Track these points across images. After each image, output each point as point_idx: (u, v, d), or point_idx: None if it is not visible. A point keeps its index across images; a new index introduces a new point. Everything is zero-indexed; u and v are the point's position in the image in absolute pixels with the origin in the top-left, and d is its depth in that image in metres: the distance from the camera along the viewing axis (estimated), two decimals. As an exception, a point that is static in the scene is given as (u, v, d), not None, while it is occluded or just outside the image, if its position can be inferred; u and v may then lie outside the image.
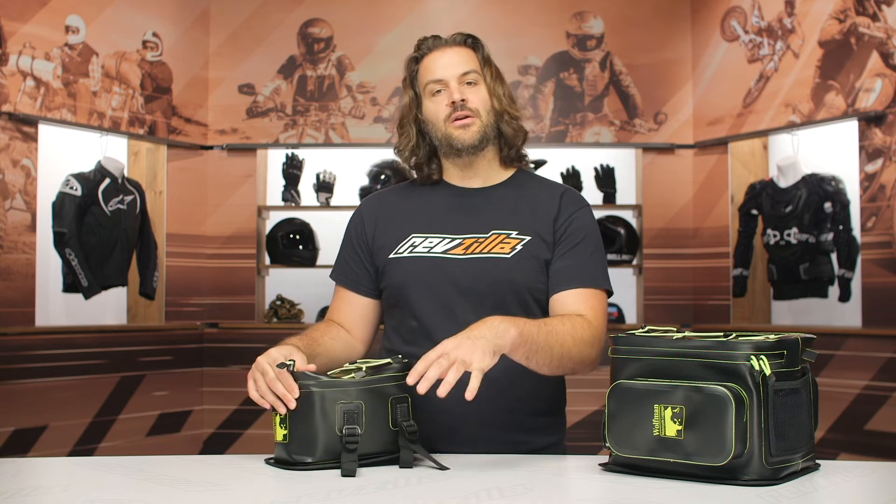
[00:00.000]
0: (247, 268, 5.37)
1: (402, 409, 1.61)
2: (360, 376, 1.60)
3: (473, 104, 1.84)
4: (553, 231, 1.83)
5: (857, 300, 4.44)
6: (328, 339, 1.83)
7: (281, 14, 5.45)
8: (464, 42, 1.89)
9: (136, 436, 4.88)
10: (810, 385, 1.49)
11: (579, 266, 1.81)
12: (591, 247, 1.84)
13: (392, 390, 1.61)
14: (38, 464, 1.72)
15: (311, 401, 1.55)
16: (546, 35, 5.38)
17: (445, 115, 1.84)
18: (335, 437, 1.55)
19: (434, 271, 1.81)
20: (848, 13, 4.47)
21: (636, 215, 5.42)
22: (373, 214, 1.93)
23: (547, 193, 1.88)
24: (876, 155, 4.32)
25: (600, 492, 1.43)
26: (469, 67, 1.86)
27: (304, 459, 1.55)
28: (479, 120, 1.84)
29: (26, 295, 4.45)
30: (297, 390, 1.55)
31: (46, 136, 4.66)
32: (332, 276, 1.97)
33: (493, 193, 1.89)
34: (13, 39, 4.44)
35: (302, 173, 5.45)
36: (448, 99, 1.84)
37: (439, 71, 1.86)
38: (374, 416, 1.58)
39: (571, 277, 1.80)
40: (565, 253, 1.82)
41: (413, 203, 1.91)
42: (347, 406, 1.56)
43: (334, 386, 1.57)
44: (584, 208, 1.88)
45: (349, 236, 1.95)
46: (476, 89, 1.86)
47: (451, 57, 1.87)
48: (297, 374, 1.57)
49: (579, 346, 1.68)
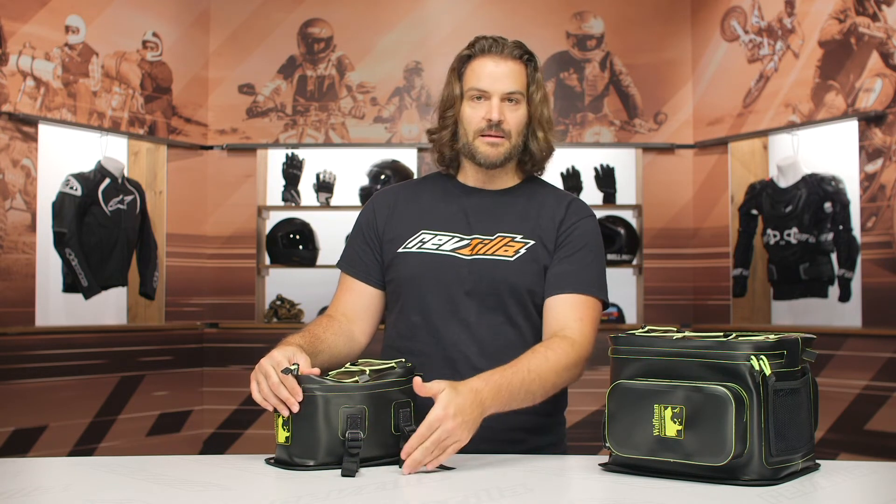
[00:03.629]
0: (247, 268, 5.37)
1: (404, 413, 1.62)
2: (364, 380, 1.60)
3: (508, 126, 1.83)
4: (556, 238, 1.85)
5: (857, 300, 4.44)
6: (330, 335, 1.83)
7: (281, 14, 5.45)
8: (519, 57, 1.86)
9: (136, 436, 4.88)
10: (810, 385, 1.49)
11: (576, 272, 1.82)
12: (591, 255, 1.85)
13: (395, 395, 1.62)
14: (38, 464, 1.72)
15: (315, 405, 1.55)
16: (546, 35, 5.38)
17: (478, 126, 1.83)
18: (337, 440, 1.55)
19: (441, 269, 1.82)
20: (848, 13, 4.47)
21: (636, 215, 5.42)
22: (385, 207, 1.93)
23: (555, 201, 1.90)
24: (876, 155, 4.32)
25: (600, 492, 1.43)
26: (515, 87, 1.83)
27: (306, 462, 1.55)
28: (509, 142, 1.84)
29: (26, 295, 4.45)
30: (300, 394, 1.55)
31: (46, 136, 4.66)
32: (340, 265, 1.97)
33: (503, 197, 1.90)
34: (13, 39, 4.44)
35: (302, 173, 5.45)
36: (486, 112, 1.83)
37: (485, 81, 1.83)
38: (377, 420, 1.58)
39: (567, 282, 1.81)
40: (564, 258, 1.83)
41: (425, 200, 1.93)
42: (351, 410, 1.56)
43: (338, 390, 1.57)
44: (589, 217, 1.89)
45: (360, 227, 1.96)
46: (516, 109, 1.84)
47: (502, 69, 1.83)
48: (300, 378, 1.57)
49: (562, 375, 1.72)
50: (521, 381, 1.65)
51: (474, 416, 1.56)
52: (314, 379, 1.57)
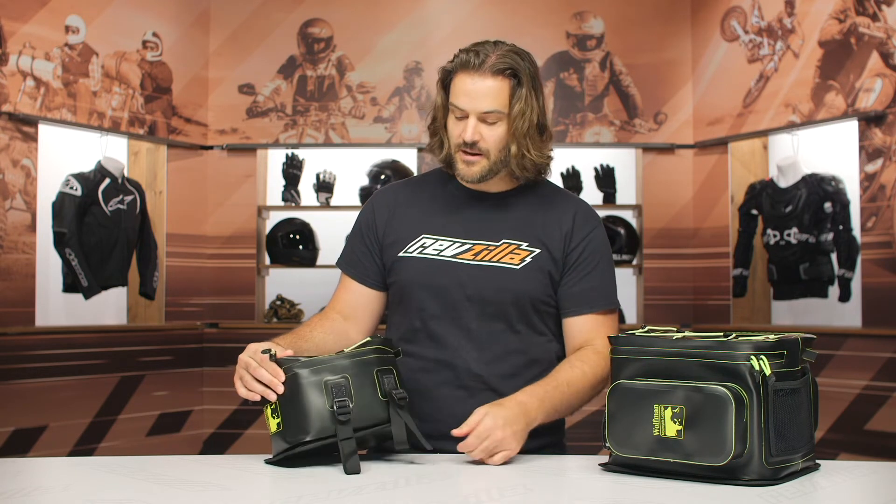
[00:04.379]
0: (247, 268, 5.37)
1: (388, 379, 1.63)
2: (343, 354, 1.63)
3: (485, 145, 1.78)
4: (563, 248, 1.84)
5: (857, 300, 4.44)
6: (318, 333, 1.84)
7: (281, 14, 5.45)
8: (501, 72, 1.75)
9: (136, 436, 4.88)
10: (810, 385, 1.49)
11: (595, 289, 1.85)
12: (604, 266, 1.88)
13: (375, 362, 1.64)
14: (38, 464, 1.72)
15: (298, 381, 1.57)
16: (546, 35, 5.38)
17: (457, 142, 1.81)
18: (327, 412, 1.56)
19: (442, 274, 1.82)
20: (848, 13, 4.47)
21: (636, 215, 5.42)
22: (385, 208, 1.92)
23: (561, 208, 1.88)
24: (876, 155, 4.32)
25: (600, 492, 1.43)
26: (493, 107, 1.75)
27: (301, 439, 1.55)
28: (486, 160, 1.80)
29: (26, 295, 4.44)
30: (281, 374, 1.57)
31: (46, 136, 4.66)
32: (339, 264, 1.97)
33: (506, 199, 1.89)
34: (13, 39, 4.44)
35: (302, 173, 5.45)
36: (463, 130, 1.78)
37: (462, 100, 1.77)
38: (361, 387, 1.60)
39: (588, 302, 1.85)
40: (583, 277, 1.84)
41: (426, 201, 1.91)
42: (334, 380, 1.58)
43: (317, 364, 1.59)
44: (598, 228, 1.89)
45: (359, 227, 1.95)
46: (494, 128, 1.78)
47: (479, 88, 1.76)
48: (279, 361, 1.59)
49: (597, 387, 1.79)
50: (561, 396, 1.73)
51: (522, 427, 1.64)
52: (291, 358, 1.61)
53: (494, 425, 1.59)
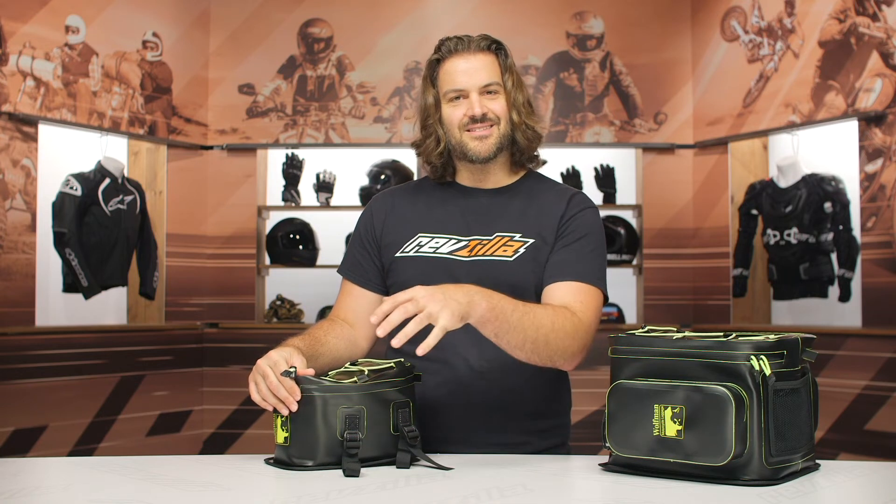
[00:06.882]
0: (247, 268, 5.37)
1: (403, 413, 1.61)
2: (363, 380, 1.60)
3: (494, 114, 1.83)
4: (557, 229, 1.83)
5: (857, 300, 4.44)
6: (331, 338, 1.82)
7: (281, 14, 5.45)
8: (487, 48, 1.85)
9: (136, 436, 4.87)
10: (810, 385, 1.49)
11: (575, 260, 1.79)
12: (591, 245, 1.82)
13: (394, 395, 1.61)
14: (38, 464, 1.72)
15: (313, 405, 1.55)
16: (546, 35, 5.38)
17: (461, 122, 1.83)
18: (336, 441, 1.55)
19: (438, 272, 1.81)
20: (848, 13, 4.47)
21: (636, 215, 5.42)
22: (382, 212, 1.94)
23: (556, 197, 1.88)
24: (876, 155, 4.32)
25: (600, 492, 1.43)
26: (491, 79, 1.83)
27: (305, 463, 1.55)
28: (498, 129, 1.83)
29: (26, 295, 4.45)
30: (299, 394, 1.55)
31: (46, 136, 4.66)
32: (340, 271, 1.97)
33: (501, 196, 1.89)
34: (13, 39, 4.44)
35: (302, 173, 5.45)
36: (467, 109, 1.82)
37: (460, 80, 1.83)
38: (376, 420, 1.58)
39: (565, 270, 1.79)
40: (564, 247, 1.81)
41: (422, 202, 1.92)
42: (349, 411, 1.56)
43: (336, 391, 1.57)
44: (591, 209, 1.88)
45: (358, 232, 1.96)
46: (496, 99, 1.84)
47: (473, 65, 1.83)
48: (298, 379, 1.57)
49: (559, 334, 1.66)
50: (514, 309, 1.62)
51: (456, 297, 1.54)
52: (312, 380, 1.57)
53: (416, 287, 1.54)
